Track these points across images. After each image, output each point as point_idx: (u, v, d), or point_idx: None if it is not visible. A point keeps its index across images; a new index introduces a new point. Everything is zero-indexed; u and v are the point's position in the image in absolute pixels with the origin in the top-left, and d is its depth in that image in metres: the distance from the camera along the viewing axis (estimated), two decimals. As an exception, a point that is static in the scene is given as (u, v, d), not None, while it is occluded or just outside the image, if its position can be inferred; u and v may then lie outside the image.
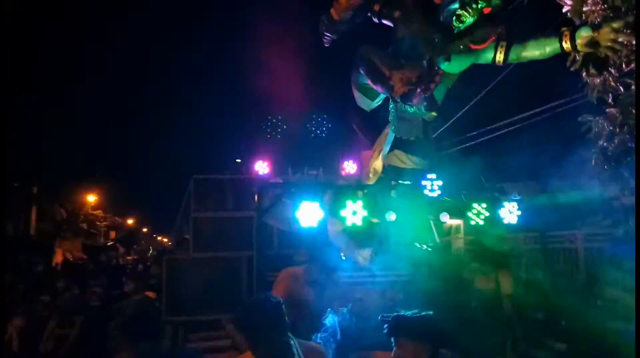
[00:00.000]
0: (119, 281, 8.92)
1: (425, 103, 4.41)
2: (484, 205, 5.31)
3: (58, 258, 17.92)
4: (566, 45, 4.68)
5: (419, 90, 4.30)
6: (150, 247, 19.22)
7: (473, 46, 5.13)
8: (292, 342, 2.57)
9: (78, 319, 6.57)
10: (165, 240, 25.89)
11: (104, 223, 24.16)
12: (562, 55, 5.01)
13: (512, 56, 5.18)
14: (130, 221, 28.54)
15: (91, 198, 22.90)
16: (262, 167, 8.24)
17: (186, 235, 8.69)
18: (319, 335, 3.22)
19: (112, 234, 24.67)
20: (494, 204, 5.35)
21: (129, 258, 16.85)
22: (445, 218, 5.19)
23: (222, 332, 6.05)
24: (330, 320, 3.38)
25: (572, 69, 5.26)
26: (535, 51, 5.05)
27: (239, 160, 7.91)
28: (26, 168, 15.82)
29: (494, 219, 5.34)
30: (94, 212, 23.23)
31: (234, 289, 6.56)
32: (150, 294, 6.95)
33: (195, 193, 7.20)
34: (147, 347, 3.75)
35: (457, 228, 7.93)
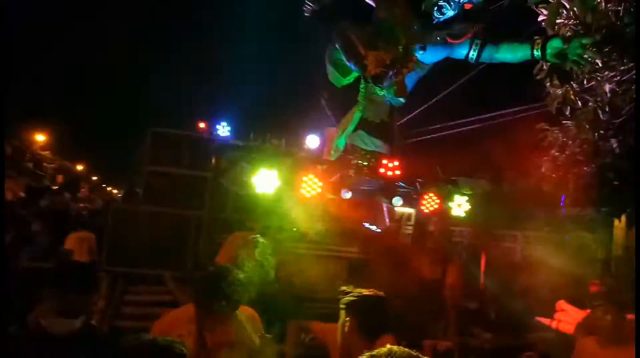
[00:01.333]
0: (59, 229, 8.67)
1: (395, 87, 4.45)
2: (436, 196, 5.47)
3: None
4: (537, 53, 4.85)
5: (390, 73, 4.33)
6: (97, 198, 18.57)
7: (450, 40, 5.21)
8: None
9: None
10: (114, 191, 25.12)
11: (52, 166, 23.13)
12: (531, 62, 5.19)
13: (485, 55, 5.31)
14: (80, 167, 27.47)
15: (40, 138, 21.80)
16: (223, 129, 8.10)
17: (137, 188, 8.49)
18: None
19: (60, 178, 23.66)
20: (446, 197, 5.52)
21: (77, 205, 16.25)
22: (398, 202, 5.32)
23: (164, 287, 6.00)
24: None
25: (537, 77, 5.46)
26: (507, 54, 5.21)
27: (202, 125, 7.74)
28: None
29: (443, 211, 5.52)
30: (42, 152, 22.17)
31: (179, 247, 6.50)
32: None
33: (152, 146, 7.02)
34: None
35: (409, 216, 8.12)
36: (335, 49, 5.26)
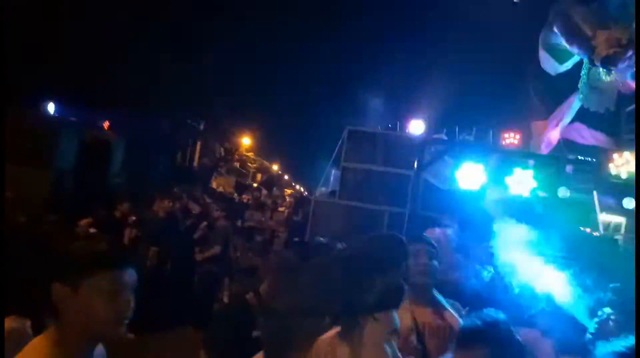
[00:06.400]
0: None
1: (632, 70, 3.84)
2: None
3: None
4: None
5: (630, 53, 3.75)
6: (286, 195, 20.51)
7: None
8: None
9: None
10: (302, 189, 27.39)
11: (254, 165, 26.35)
12: None
13: None
14: (275, 167, 30.73)
15: (246, 141, 25.07)
16: (416, 126, 8.08)
17: (332, 187, 9.08)
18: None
19: (259, 176, 26.81)
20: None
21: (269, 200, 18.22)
22: (630, 204, 4.58)
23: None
24: None
25: None
26: None
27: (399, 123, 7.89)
28: (197, 106, 17.79)
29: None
30: (247, 153, 25.46)
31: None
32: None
33: (349, 144, 7.39)
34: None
35: (617, 225, 6.98)
36: (551, 33, 4.78)
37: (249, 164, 25.80)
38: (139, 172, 12.31)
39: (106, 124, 11.94)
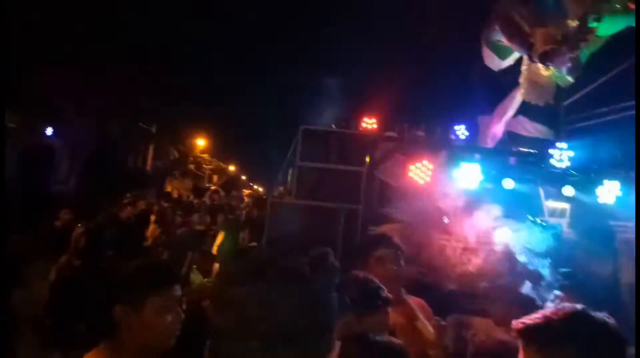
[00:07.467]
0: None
1: (569, 65, 4.04)
2: (617, 184, 4.82)
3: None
4: None
5: (564, 49, 3.93)
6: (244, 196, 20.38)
7: (632, 5, 4.56)
8: None
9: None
10: (260, 189, 27.20)
11: (209, 167, 25.91)
12: None
13: (678, 18, 4.52)
14: (231, 168, 30.34)
15: (200, 142, 24.62)
16: (368, 123, 8.16)
17: (285, 186, 9.05)
18: None
19: (215, 178, 26.38)
20: (629, 184, 4.83)
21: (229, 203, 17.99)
22: (569, 191, 4.81)
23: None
24: None
25: None
26: None
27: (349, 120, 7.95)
28: (149, 108, 17.25)
29: (626, 200, 4.84)
30: (202, 155, 25.00)
31: (329, 239, 6.73)
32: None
33: (303, 143, 7.38)
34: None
35: (562, 211, 7.35)
36: (493, 30, 4.96)
37: (205, 166, 25.34)
38: (87, 178, 11.83)
39: (49, 130, 11.37)
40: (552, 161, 4.68)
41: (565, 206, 6.35)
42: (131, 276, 1.61)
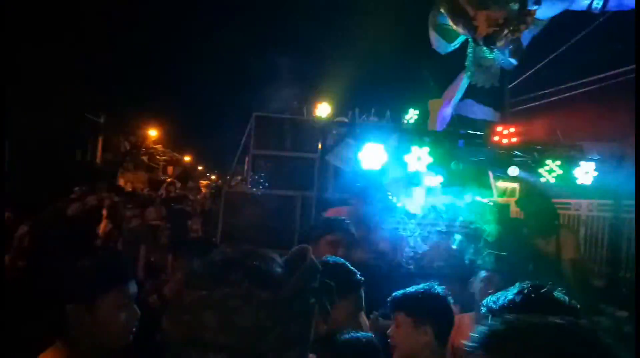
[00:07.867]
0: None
1: (511, 47, 4.13)
2: (558, 162, 5.02)
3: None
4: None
5: (505, 32, 4.01)
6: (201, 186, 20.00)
7: (569, -12, 4.71)
8: None
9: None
10: (217, 179, 26.76)
11: (163, 158, 25.21)
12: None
13: (612, 3, 4.71)
14: (187, 159, 29.66)
15: (152, 133, 23.82)
16: (323, 109, 8.13)
17: (240, 176, 8.91)
18: None
19: (170, 169, 25.72)
20: (569, 163, 5.04)
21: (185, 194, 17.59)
22: (514, 171, 4.97)
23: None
24: None
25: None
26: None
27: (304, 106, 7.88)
28: (96, 99, 16.51)
29: (567, 179, 5.06)
30: (155, 146, 24.24)
31: (286, 227, 6.71)
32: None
33: (256, 130, 7.27)
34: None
35: (512, 191, 7.64)
36: (439, 14, 5.00)
37: (158, 157, 24.64)
38: (30, 174, 11.23)
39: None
40: (497, 142, 4.80)
41: (516, 185, 6.59)
42: (83, 274, 1.57)
